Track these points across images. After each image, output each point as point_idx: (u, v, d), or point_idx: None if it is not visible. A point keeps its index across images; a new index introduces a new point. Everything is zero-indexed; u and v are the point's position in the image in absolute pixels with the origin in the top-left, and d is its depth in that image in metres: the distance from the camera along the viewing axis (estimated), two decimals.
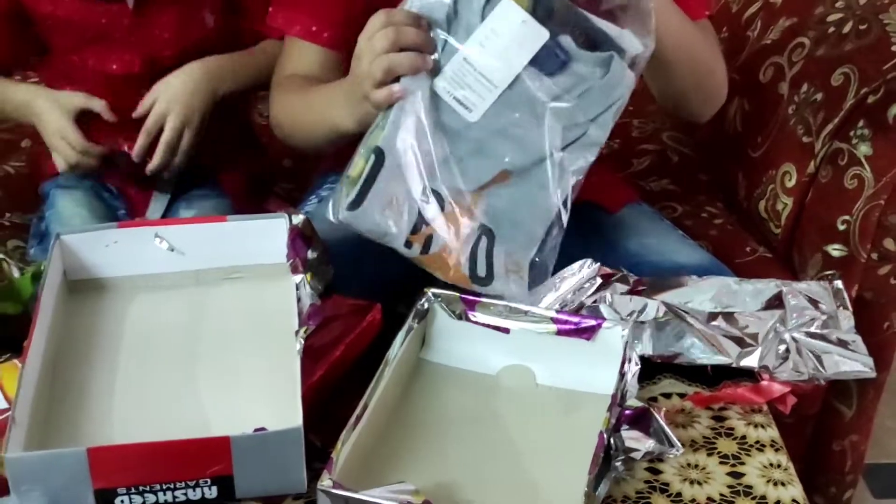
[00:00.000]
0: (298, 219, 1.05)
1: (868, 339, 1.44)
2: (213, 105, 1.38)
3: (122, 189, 1.41)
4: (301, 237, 1.04)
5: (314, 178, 1.47)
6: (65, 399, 0.94)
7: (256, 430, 0.85)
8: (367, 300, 1.09)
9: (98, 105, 1.34)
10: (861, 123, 1.39)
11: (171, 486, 0.84)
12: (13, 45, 1.37)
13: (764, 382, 1.11)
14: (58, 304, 1.02)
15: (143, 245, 1.07)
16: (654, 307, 1.16)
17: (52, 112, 1.33)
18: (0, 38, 1.36)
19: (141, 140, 1.35)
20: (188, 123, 1.35)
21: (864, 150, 1.38)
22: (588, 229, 1.35)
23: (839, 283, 1.22)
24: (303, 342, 0.91)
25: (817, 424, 1.56)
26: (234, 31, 1.43)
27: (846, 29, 1.47)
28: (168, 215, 1.38)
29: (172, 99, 1.34)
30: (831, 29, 1.49)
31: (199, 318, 1.05)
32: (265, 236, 1.06)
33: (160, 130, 1.34)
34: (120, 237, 1.07)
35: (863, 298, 1.44)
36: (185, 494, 0.85)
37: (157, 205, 1.39)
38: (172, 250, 1.07)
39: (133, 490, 0.84)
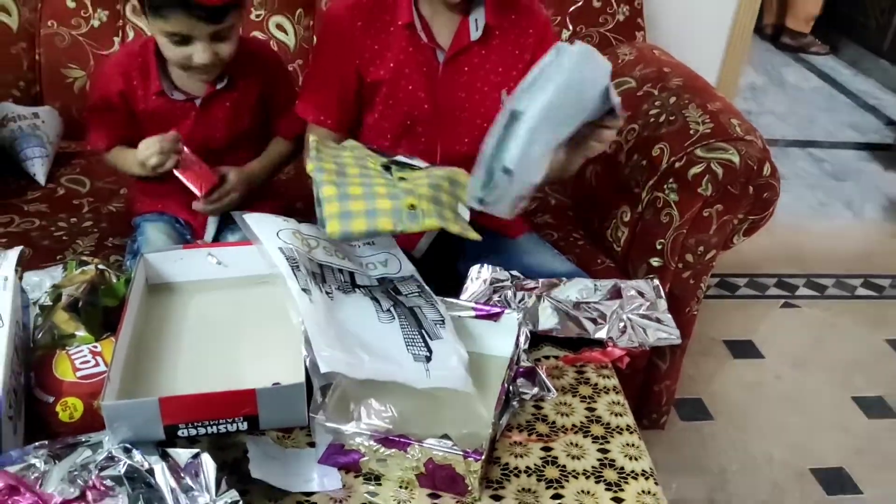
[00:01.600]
0: None
1: (676, 318, 1.44)
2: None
3: (188, 221, 1.36)
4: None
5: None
6: (143, 364, 0.90)
7: (273, 384, 0.83)
8: None
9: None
10: (671, 180, 1.38)
11: (216, 422, 0.81)
12: (128, 130, 1.29)
13: (609, 348, 1.10)
14: (141, 301, 0.98)
15: (200, 260, 1.04)
16: (535, 300, 1.15)
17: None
18: (121, 126, 1.29)
19: (213, 205, 1.28)
20: (238, 199, 1.30)
21: (673, 197, 1.38)
22: (497, 249, 1.33)
23: (657, 282, 1.21)
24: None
25: (644, 374, 1.56)
26: (263, 124, 1.37)
27: (661, 119, 1.46)
28: (218, 239, 1.33)
29: (236, 186, 1.28)
30: (651, 119, 1.48)
31: (237, 310, 1.01)
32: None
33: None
34: (185, 255, 1.04)
35: (672, 293, 1.44)
36: (226, 427, 0.82)
37: (210, 231, 1.34)
38: (220, 264, 1.04)
39: (189, 425, 0.81)
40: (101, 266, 1.08)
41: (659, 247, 1.40)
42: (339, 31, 1.26)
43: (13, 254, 0.98)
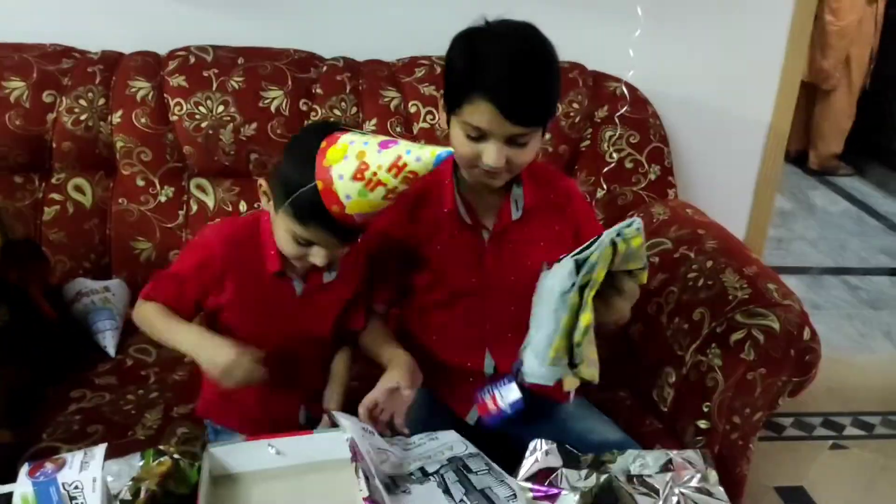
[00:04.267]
0: (350, 435, 1.07)
1: (726, 478, 1.45)
2: None
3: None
4: (355, 450, 1.05)
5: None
6: None
7: None
8: None
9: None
10: (713, 345, 1.42)
11: None
12: (190, 305, 1.22)
13: None
14: (206, 493, 1.02)
15: (260, 451, 1.09)
16: (594, 476, 1.17)
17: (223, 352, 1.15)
18: (188, 297, 1.21)
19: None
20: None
21: (717, 362, 1.41)
22: (546, 415, 1.37)
23: (705, 451, 1.22)
24: None
25: None
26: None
27: (700, 283, 1.51)
28: None
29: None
30: (690, 283, 1.53)
31: (297, 499, 1.05)
32: (337, 442, 1.07)
33: None
34: (246, 447, 1.10)
35: (721, 454, 1.45)
36: None
37: None
38: (279, 453, 1.09)
39: None
40: (175, 456, 1.13)
41: (706, 409, 1.42)
42: (388, 224, 1.31)
43: (100, 452, 1.03)
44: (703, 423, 1.43)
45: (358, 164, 1.06)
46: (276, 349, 1.22)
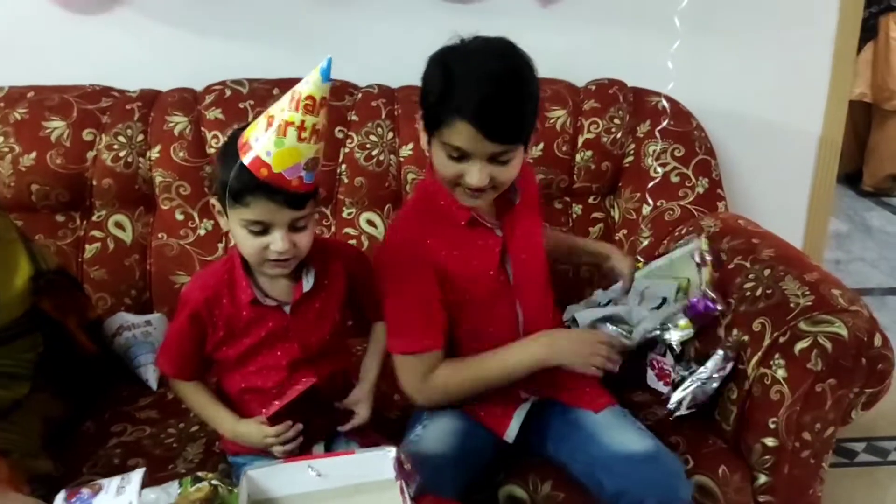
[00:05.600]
0: (395, 453, 1.04)
1: (798, 502, 1.37)
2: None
3: None
4: (401, 463, 1.02)
5: (413, 412, 1.40)
6: None
7: None
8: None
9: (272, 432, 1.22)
10: (777, 356, 1.34)
11: None
12: (197, 363, 1.29)
13: None
14: None
15: (300, 473, 1.05)
16: None
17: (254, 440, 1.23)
18: (191, 356, 1.27)
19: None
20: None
21: (781, 373, 1.33)
22: (579, 426, 1.33)
23: None
24: None
25: None
26: (353, 319, 1.38)
27: (758, 293, 1.44)
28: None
29: (368, 411, 1.29)
30: (747, 293, 1.45)
31: None
32: (380, 462, 1.03)
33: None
34: (285, 469, 1.06)
35: (792, 475, 1.36)
36: None
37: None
38: (319, 475, 1.05)
39: None
40: (214, 482, 1.09)
41: (772, 426, 1.34)
42: (414, 251, 1.28)
43: (137, 477, 1.00)
44: (770, 441, 1.35)
45: (265, 120, 1.14)
46: (288, 371, 1.27)
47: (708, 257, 1.49)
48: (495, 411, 1.35)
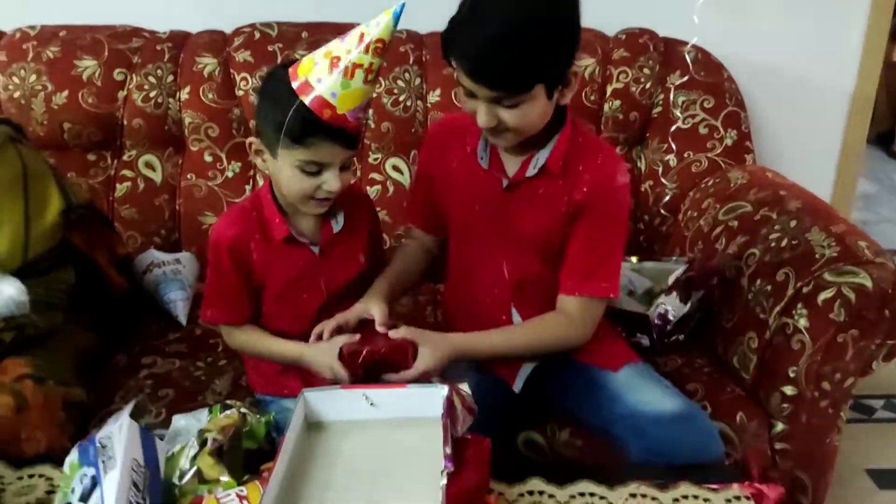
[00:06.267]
0: (447, 392, 1.01)
1: (816, 450, 1.38)
2: None
3: None
4: (451, 403, 1.01)
5: None
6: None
7: None
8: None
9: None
10: (800, 305, 1.34)
11: None
12: (250, 301, 1.29)
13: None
14: (297, 439, 1.00)
15: (355, 401, 1.06)
16: None
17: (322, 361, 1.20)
18: (242, 297, 1.28)
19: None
20: None
21: (803, 323, 1.33)
22: (597, 384, 1.30)
23: None
24: (444, 480, 0.88)
25: None
26: (376, 262, 1.38)
27: (783, 243, 1.43)
28: None
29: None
30: (772, 244, 1.45)
31: (385, 451, 1.02)
32: (431, 399, 1.02)
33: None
34: (341, 394, 1.07)
35: (811, 423, 1.37)
36: None
37: None
38: (372, 405, 1.06)
39: None
40: (243, 410, 1.12)
41: (792, 374, 1.34)
42: (425, 146, 1.40)
43: (129, 407, 1.03)
44: (789, 389, 1.36)
45: (328, 60, 1.12)
46: (308, 317, 1.27)
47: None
48: (506, 364, 1.34)
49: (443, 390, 1.02)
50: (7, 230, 1.29)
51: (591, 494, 1.07)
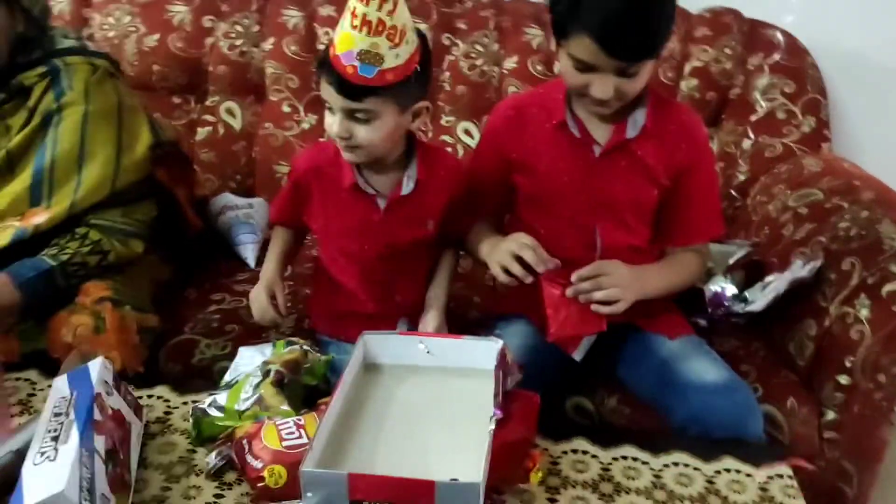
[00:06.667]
0: (501, 345, 1.05)
1: (864, 442, 1.37)
2: None
3: None
4: (504, 356, 1.04)
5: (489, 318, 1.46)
6: (345, 439, 0.95)
7: (451, 479, 0.83)
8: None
9: None
10: (863, 296, 1.33)
11: None
12: (297, 211, 1.35)
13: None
14: (354, 378, 1.04)
15: (412, 347, 1.09)
16: None
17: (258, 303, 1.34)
18: (293, 204, 1.35)
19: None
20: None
21: (865, 313, 1.32)
22: (653, 351, 1.33)
23: None
24: (492, 426, 0.92)
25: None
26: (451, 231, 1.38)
27: (852, 233, 1.41)
28: None
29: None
30: (841, 232, 1.43)
31: (438, 398, 1.05)
32: (485, 351, 1.05)
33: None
34: (399, 340, 1.11)
35: (862, 415, 1.35)
36: None
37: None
38: (429, 352, 1.09)
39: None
40: (305, 347, 1.18)
41: (848, 364, 1.33)
42: (496, 127, 1.36)
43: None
44: (843, 379, 1.35)
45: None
46: (367, 265, 1.32)
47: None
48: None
49: (497, 343, 1.06)
50: (100, 159, 1.36)
51: (634, 459, 1.09)
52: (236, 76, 1.89)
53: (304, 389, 1.14)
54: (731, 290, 1.50)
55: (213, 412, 1.07)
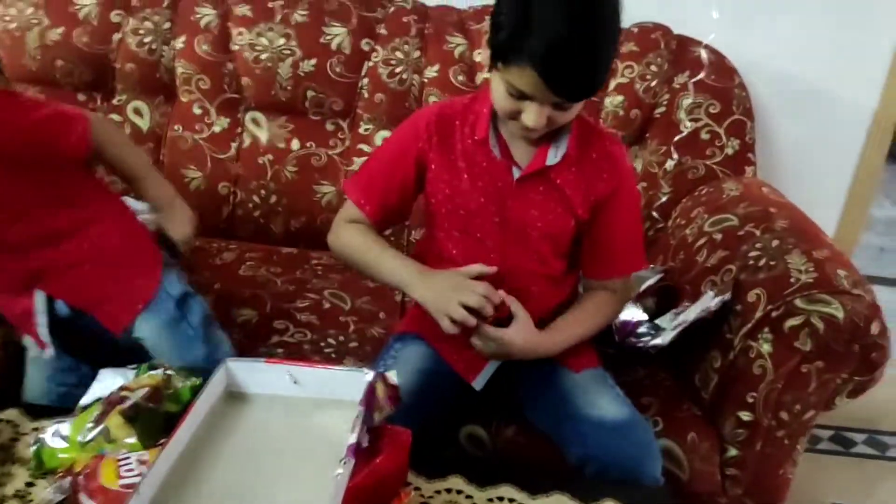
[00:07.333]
0: (371, 377, 0.97)
1: (767, 481, 1.33)
2: None
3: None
4: (372, 389, 0.98)
5: (387, 340, 1.38)
6: (186, 476, 0.87)
7: None
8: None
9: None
10: (766, 330, 1.28)
11: None
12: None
13: None
14: (210, 407, 0.97)
15: (278, 376, 1.02)
16: None
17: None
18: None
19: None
20: None
21: (766, 348, 1.27)
22: (556, 383, 1.27)
23: None
24: (341, 470, 0.84)
25: None
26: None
27: (761, 263, 1.37)
28: None
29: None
30: (750, 262, 1.39)
31: (297, 431, 0.98)
32: (353, 382, 0.97)
33: None
34: (265, 369, 1.02)
35: (764, 453, 1.31)
36: None
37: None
38: (296, 383, 1.02)
39: None
40: (169, 371, 1.10)
41: (750, 400, 1.29)
42: (416, 130, 1.25)
43: None
44: (745, 415, 1.30)
45: None
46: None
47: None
48: (467, 355, 1.27)
49: (367, 375, 0.99)
50: None
51: (511, 500, 1.03)
52: (145, 75, 1.80)
53: (167, 418, 1.06)
54: (640, 317, 1.45)
55: (56, 442, 0.99)
